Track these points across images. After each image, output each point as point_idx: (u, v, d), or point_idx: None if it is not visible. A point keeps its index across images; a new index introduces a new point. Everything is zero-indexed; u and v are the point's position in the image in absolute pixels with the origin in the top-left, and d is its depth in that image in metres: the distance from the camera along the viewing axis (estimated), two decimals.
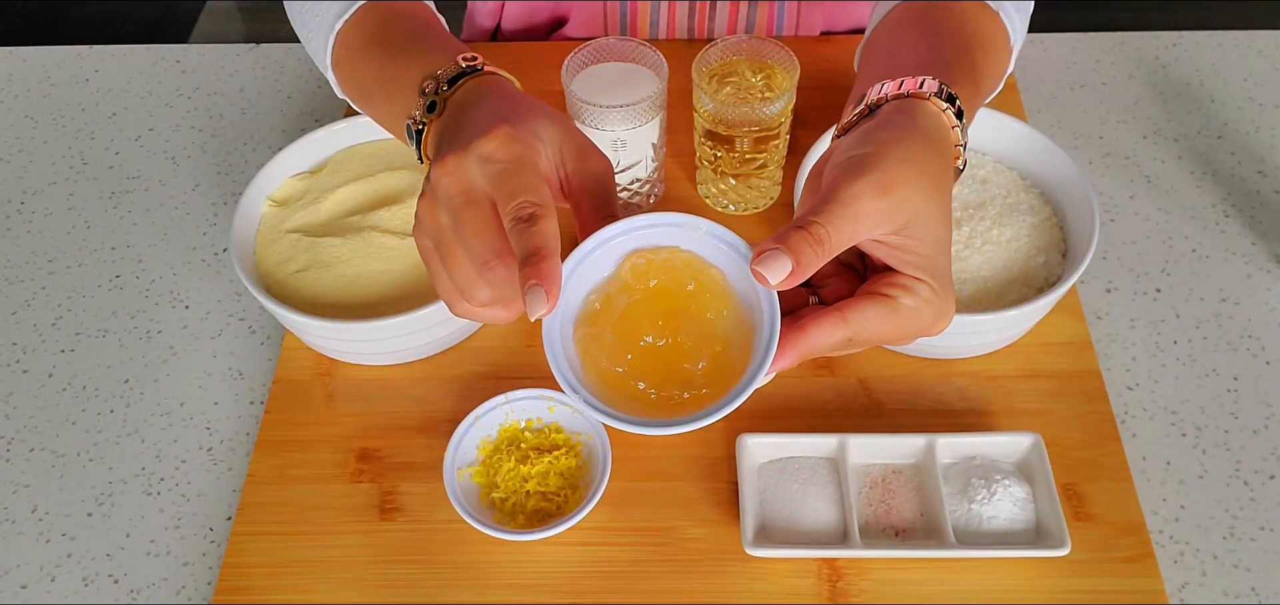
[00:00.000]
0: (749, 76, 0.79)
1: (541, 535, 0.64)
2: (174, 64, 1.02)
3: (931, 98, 0.56)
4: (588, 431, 0.69)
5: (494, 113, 0.56)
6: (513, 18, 1.01)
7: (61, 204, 0.90)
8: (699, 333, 0.55)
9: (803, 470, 0.67)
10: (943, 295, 0.53)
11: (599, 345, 0.55)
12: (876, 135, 0.54)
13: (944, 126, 0.56)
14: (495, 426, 0.70)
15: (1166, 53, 0.97)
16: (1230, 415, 0.72)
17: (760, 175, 0.81)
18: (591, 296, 0.56)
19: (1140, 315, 0.78)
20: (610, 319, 0.55)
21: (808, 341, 0.52)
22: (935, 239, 0.52)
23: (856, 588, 0.64)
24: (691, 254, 0.56)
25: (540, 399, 0.70)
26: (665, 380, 0.54)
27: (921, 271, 0.52)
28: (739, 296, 0.55)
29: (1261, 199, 0.85)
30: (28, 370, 0.78)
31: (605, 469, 0.66)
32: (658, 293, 0.55)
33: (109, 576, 0.68)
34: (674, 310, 0.55)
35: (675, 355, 0.54)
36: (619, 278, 0.56)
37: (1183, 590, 0.65)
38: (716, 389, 0.53)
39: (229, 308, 0.82)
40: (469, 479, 0.67)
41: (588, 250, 0.55)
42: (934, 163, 0.54)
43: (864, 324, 0.52)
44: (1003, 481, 0.65)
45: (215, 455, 0.73)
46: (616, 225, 0.55)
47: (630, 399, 0.54)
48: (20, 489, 0.72)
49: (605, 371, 0.54)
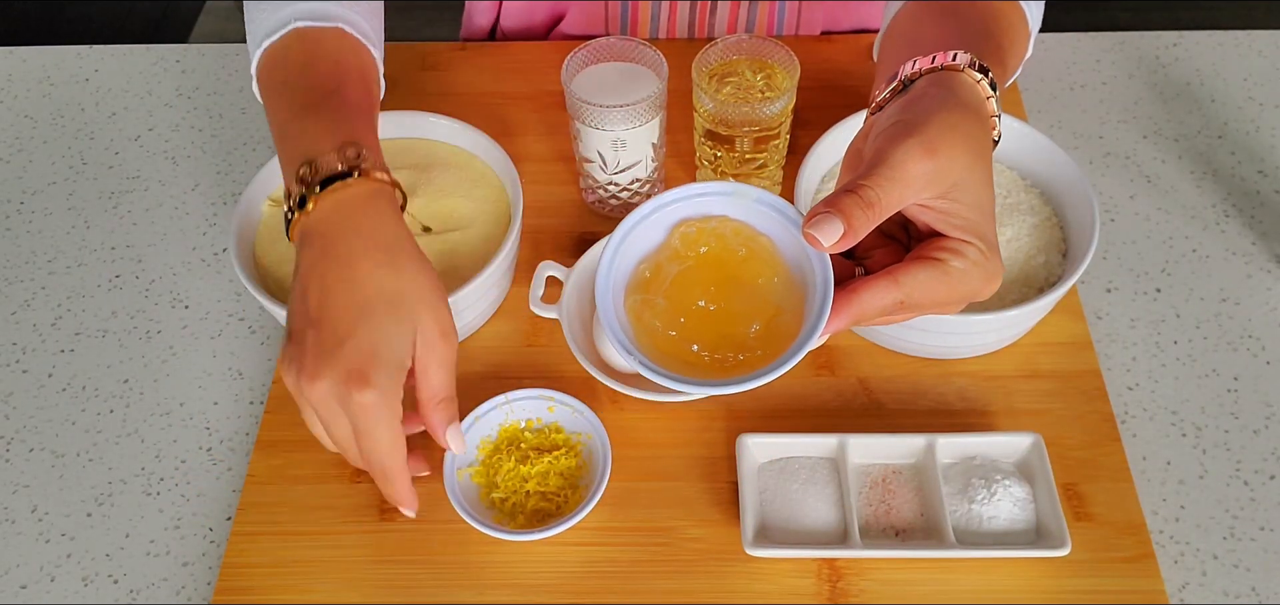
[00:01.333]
0: (749, 76, 0.79)
1: (541, 535, 0.64)
2: (174, 64, 1.02)
3: (966, 69, 0.56)
4: (587, 432, 0.69)
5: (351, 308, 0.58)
6: (511, 17, 1.01)
7: (61, 204, 0.90)
8: (751, 298, 0.55)
9: (803, 470, 0.67)
10: (990, 257, 0.53)
11: (652, 310, 0.55)
12: (918, 104, 0.54)
13: (980, 96, 0.57)
14: (495, 426, 0.69)
15: (1166, 53, 0.97)
16: (1230, 415, 0.72)
17: (760, 175, 0.81)
18: (641, 265, 0.57)
19: (1140, 315, 0.78)
20: (661, 285, 0.56)
21: (860, 303, 0.52)
22: (979, 203, 0.53)
23: (856, 588, 0.64)
24: (741, 222, 0.56)
25: (540, 399, 0.70)
26: (719, 343, 0.55)
27: (969, 233, 0.53)
28: (789, 263, 0.56)
29: (1261, 199, 0.85)
30: (27, 370, 0.78)
31: (605, 469, 0.66)
32: (708, 260, 0.56)
33: (109, 576, 0.68)
34: (725, 277, 0.55)
35: (728, 320, 0.55)
36: (669, 246, 0.57)
37: (1183, 590, 0.65)
38: (770, 352, 0.53)
39: (229, 308, 0.82)
40: (469, 479, 0.67)
41: (636, 220, 0.56)
42: (975, 129, 0.54)
43: (916, 286, 0.52)
44: (1003, 481, 0.65)
45: (215, 455, 0.73)
46: (664, 194, 0.57)
47: (684, 362, 0.55)
48: (20, 489, 0.72)
49: (659, 335, 0.55)
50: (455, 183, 0.79)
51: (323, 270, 0.59)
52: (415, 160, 0.81)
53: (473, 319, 0.76)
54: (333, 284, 0.58)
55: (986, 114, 0.57)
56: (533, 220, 0.83)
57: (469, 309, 0.74)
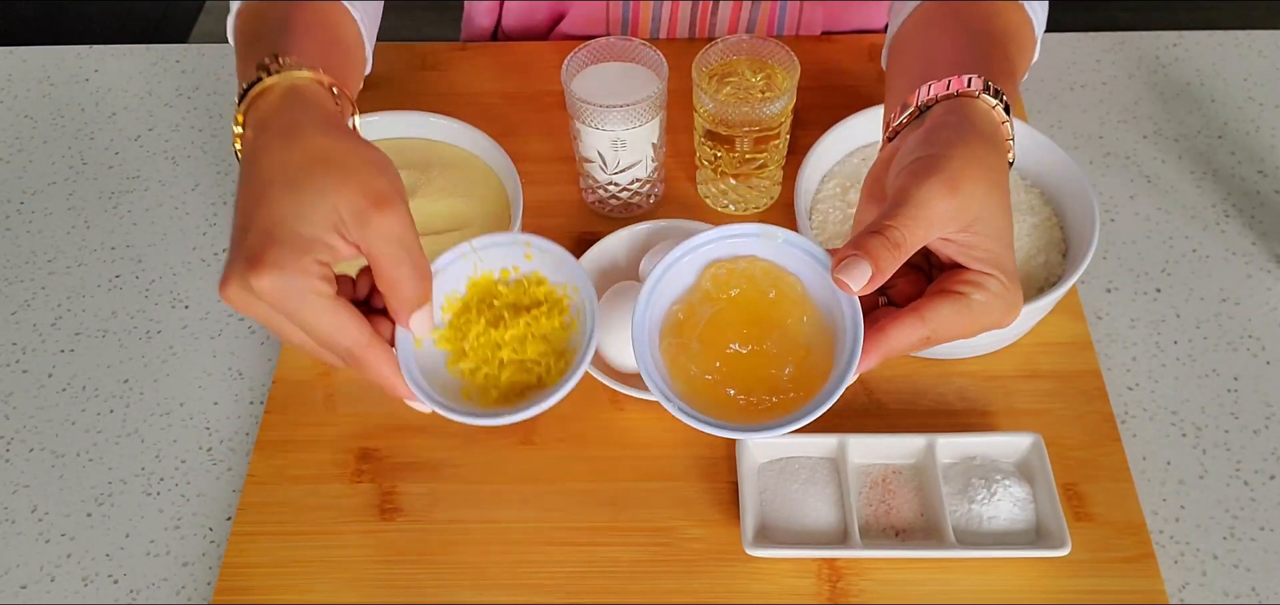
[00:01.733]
0: (749, 76, 0.79)
1: (518, 417, 0.54)
2: (174, 64, 1.02)
3: (981, 95, 0.57)
4: (572, 284, 0.58)
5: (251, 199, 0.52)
6: (512, 17, 1.01)
7: (61, 204, 0.90)
8: (782, 339, 0.56)
9: (803, 470, 0.67)
10: (1011, 289, 0.54)
11: (687, 354, 0.56)
12: (937, 136, 0.55)
13: (996, 122, 0.58)
14: (463, 280, 0.58)
15: (1166, 53, 0.97)
16: (1230, 415, 0.72)
17: (760, 175, 0.81)
18: (675, 307, 0.58)
19: (1140, 315, 0.78)
20: (696, 328, 0.57)
21: (888, 343, 0.54)
22: (999, 234, 0.54)
23: (856, 588, 0.64)
24: (770, 262, 0.58)
25: (515, 244, 0.58)
26: (753, 386, 0.56)
27: (990, 266, 0.54)
28: (817, 302, 0.57)
29: (1261, 199, 0.85)
30: (28, 370, 0.78)
31: (593, 332, 0.56)
32: (739, 302, 0.57)
33: (109, 576, 0.68)
34: (757, 318, 0.57)
35: (761, 362, 0.56)
36: (700, 288, 0.58)
37: (1183, 590, 0.65)
38: (802, 393, 0.55)
39: (228, 308, 0.82)
40: (431, 345, 0.57)
41: (669, 263, 0.57)
42: (993, 159, 0.55)
43: (940, 322, 0.53)
44: (1003, 481, 0.65)
45: (215, 455, 0.73)
46: (695, 238, 0.57)
47: (721, 405, 0.55)
48: (20, 489, 0.72)
49: (695, 379, 0.56)
50: (455, 183, 0.79)
51: (241, 180, 0.54)
52: (415, 160, 0.81)
53: None
54: (243, 187, 0.54)
55: (1002, 139, 0.58)
56: (533, 220, 0.83)
57: None
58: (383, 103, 0.86)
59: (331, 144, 0.53)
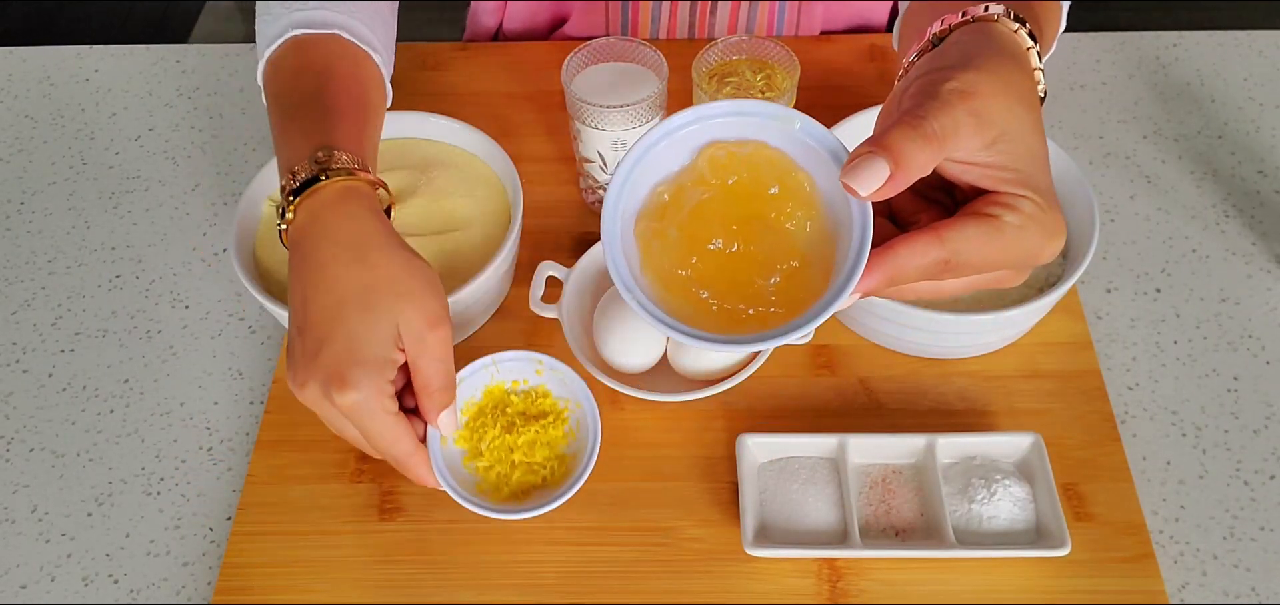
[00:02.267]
0: (749, 76, 0.79)
1: (527, 515, 0.62)
2: (174, 64, 1.02)
3: (1000, 18, 0.51)
4: (576, 401, 0.67)
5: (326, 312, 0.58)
6: (515, 18, 1.01)
7: (61, 204, 0.90)
8: (776, 244, 0.49)
9: (803, 470, 0.67)
10: (1049, 211, 0.47)
11: (662, 242, 0.49)
12: (948, 53, 0.49)
13: (1020, 45, 0.51)
14: (480, 389, 0.67)
15: (1166, 53, 0.97)
16: (1230, 415, 0.72)
17: None
18: (661, 186, 0.51)
19: (1140, 315, 0.78)
20: (678, 214, 0.49)
21: (897, 261, 0.46)
22: (1030, 151, 0.47)
23: (856, 588, 0.64)
24: (780, 152, 0.49)
25: (527, 361, 0.67)
26: (730, 292, 0.49)
27: (1022, 186, 0.46)
28: (826, 206, 0.49)
29: (1261, 199, 0.85)
30: (28, 370, 0.78)
31: (595, 443, 0.64)
32: (735, 192, 0.49)
33: (109, 576, 0.68)
34: (751, 214, 0.49)
35: (745, 265, 0.49)
36: (695, 169, 0.50)
37: (1183, 590, 0.65)
38: (787, 309, 0.48)
39: (229, 308, 0.82)
40: (452, 444, 0.66)
41: (666, 132, 0.50)
42: (1016, 75, 0.48)
43: (964, 244, 0.46)
44: (1003, 481, 0.65)
45: (215, 455, 0.73)
46: (697, 109, 0.50)
47: (691, 307, 0.49)
48: (20, 489, 0.72)
49: (666, 273, 0.49)
50: (455, 183, 0.79)
51: (301, 277, 0.60)
52: (415, 160, 0.81)
53: (473, 319, 0.76)
54: (310, 290, 0.59)
55: (1028, 62, 0.51)
56: (533, 220, 0.83)
57: (469, 309, 0.74)
58: None
59: (398, 268, 0.59)
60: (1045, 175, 0.48)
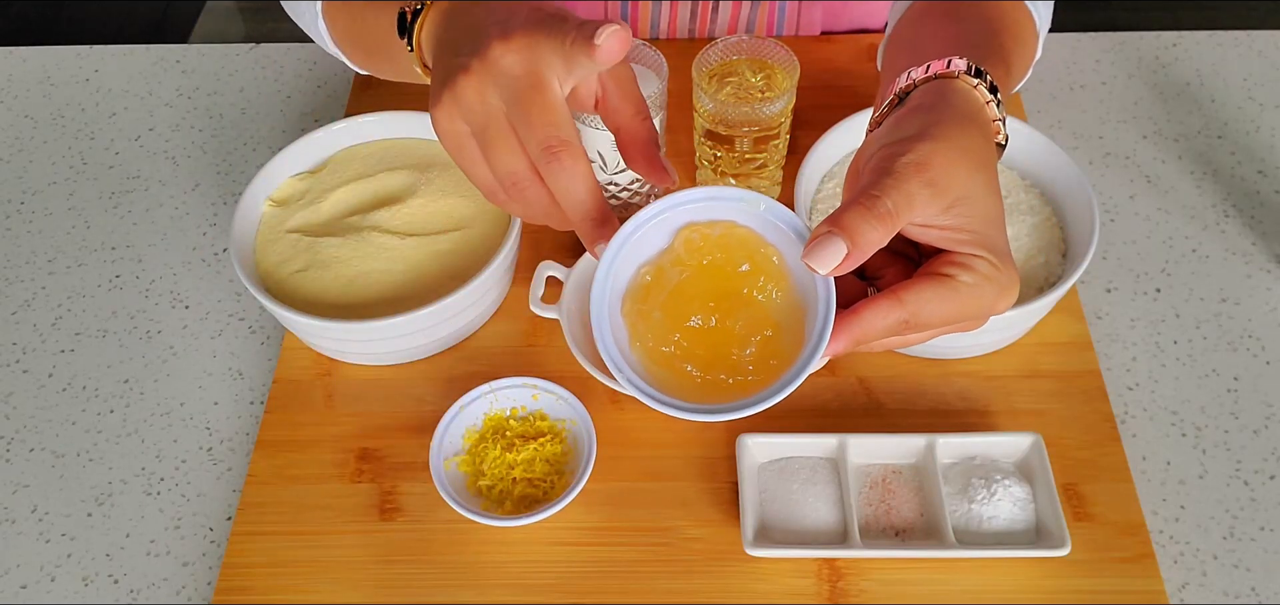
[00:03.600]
0: (749, 76, 0.79)
1: (529, 521, 0.64)
2: (174, 64, 1.02)
3: (961, 75, 0.54)
4: (572, 418, 0.69)
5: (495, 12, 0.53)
6: None
7: (61, 204, 0.90)
8: (749, 316, 0.53)
9: (803, 470, 0.67)
10: (1003, 269, 0.51)
11: (647, 322, 0.54)
12: (907, 121, 0.52)
13: (977, 102, 0.54)
14: (480, 416, 0.70)
15: (1166, 53, 0.97)
16: (1230, 415, 0.72)
17: (760, 175, 0.81)
18: (644, 268, 0.55)
19: (1140, 315, 0.78)
20: (660, 295, 0.54)
21: (861, 325, 0.50)
22: (986, 214, 0.51)
23: (856, 588, 0.64)
24: (748, 230, 0.54)
25: (524, 387, 0.70)
26: (711, 364, 0.53)
27: (977, 246, 0.50)
28: (794, 278, 0.53)
29: (1261, 199, 0.85)
30: (28, 370, 0.78)
31: (590, 454, 0.66)
32: (710, 270, 0.54)
33: (109, 576, 0.68)
34: (725, 291, 0.53)
35: (723, 339, 0.53)
36: (673, 251, 0.55)
37: (1183, 590, 0.65)
38: (763, 375, 0.52)
39: (229, 308, 0.82)
40: (455, 469, 0.68)
41: (643, 221, 0.54)
42: (972, 139, 0.52)
43: (921, 304, 0.49)
44: (1003, 481, 0.65)
45: (215, 455, 0.73)
46: (673, 197, 0.54)
47: (677, 381, 0.53)
48: (20, 489, 0.72)
49: (653, 350, 0.53)
50: (455, 183, 0.79)
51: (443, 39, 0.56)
52: (415, 160, 0.81)
53: (473, 319, 0.76)
54: (454, 33, 0.55)
55: (986, 120, 0.54)
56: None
57: (469, 309, 0.74)
58: (383, 103, 0.86)
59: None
60: (1000, 234, 0.52)
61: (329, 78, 0.99)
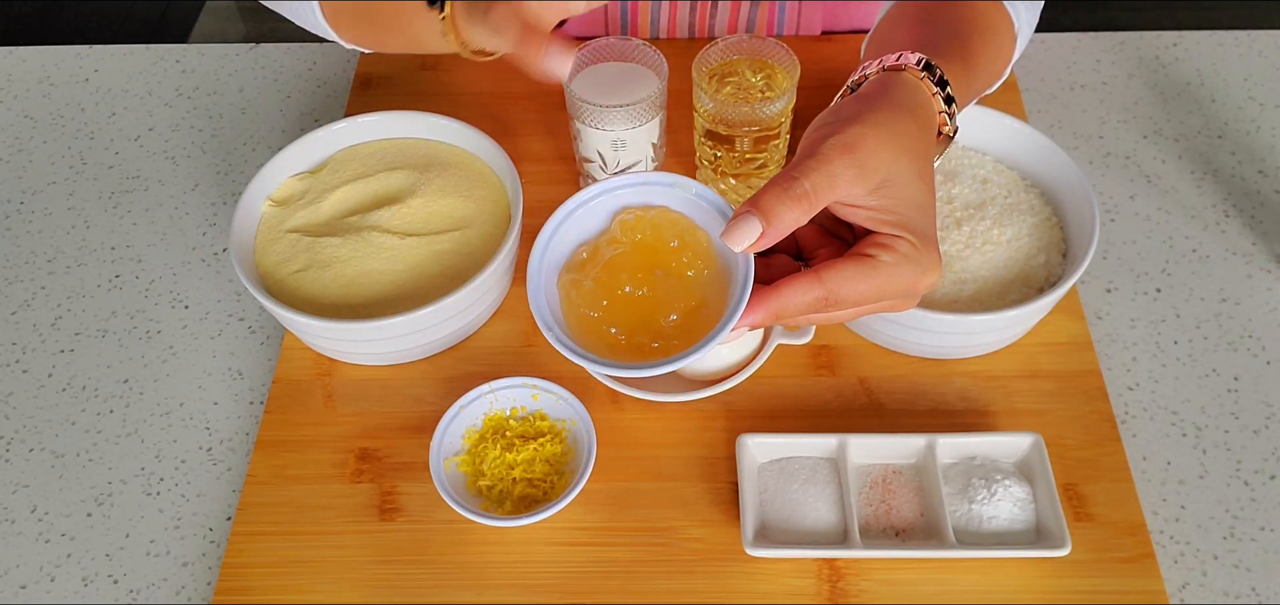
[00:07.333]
0: (749, 76, 0.79)
1: (530, 521, 0.64)
2: (174, 64, 1.02)
3: (908, 68, 0.57)
4: (572, 418, 0.69)
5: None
6: None
7: (61, 204, 0.90)
8: (676, 288, 0.57)
9: (803, 470, 0.67)
10: (923, 250, 0.53)
11: (579, 291, 0.58)
12: (846, 108, 0.55)
13: (922, 95, 0.56)
14: (479, 416, 0.70)
15: (1166, 53, 0.97)
16: (1230, 415, 0.72)
17: (760, 175, 0.81)
18: (581, 247, 0.60)
19: (1140, 315, 0.78)
20: (594, 268, 0.58)
21: (779, 300, 0.52)
22: (911, 198, 0.53)
23: (856, 588, 0.64)
24: (680, 214, 0.59)
25: (524, 387, 0.70)
26: (637, 328, 0.57)
27: (899, 228, 0.52)
28: (721, 257, 0.57)
29: (1261, 199, 0.85)
30: (27, 370, 0.78)
31: (590, 454, 0.66)
32: (642, 247, 0.58)
33: (109, 576, 0.68)
34: (655, 265, 0.58)
35: (650, 307, 0.57)
36: (608, 231, 0.60)
37: (1183, 590, 0.65)
38: (686, 341, 0.55)
39: (229, 308, 0.82)
40: (455, 469, 0.68)
41: (582, 201, 0.59)
42: (903, 124, 0.54)
43: (840, 282, 0.52)
44: (1003, 481, 0.65)
45: (215, 455, 0.73)
46: (610, 181, 0.60)
47: (602, 342, 0.57)
48: (20, 489, 0.72)
49: (582, 316, 0.58)
50: (455, 183, 0.79)
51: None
52: (415, 160, 0.81)
53: (473, 319, 0.76)
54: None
55: (927, 111, 0.56)
56: (533, 220, 0.83)
57: (469, 309, 0.74)
58: (383, 103, 0.86)
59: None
60: (923, 218, 0.53)
61: (329, 78, 0.99)
